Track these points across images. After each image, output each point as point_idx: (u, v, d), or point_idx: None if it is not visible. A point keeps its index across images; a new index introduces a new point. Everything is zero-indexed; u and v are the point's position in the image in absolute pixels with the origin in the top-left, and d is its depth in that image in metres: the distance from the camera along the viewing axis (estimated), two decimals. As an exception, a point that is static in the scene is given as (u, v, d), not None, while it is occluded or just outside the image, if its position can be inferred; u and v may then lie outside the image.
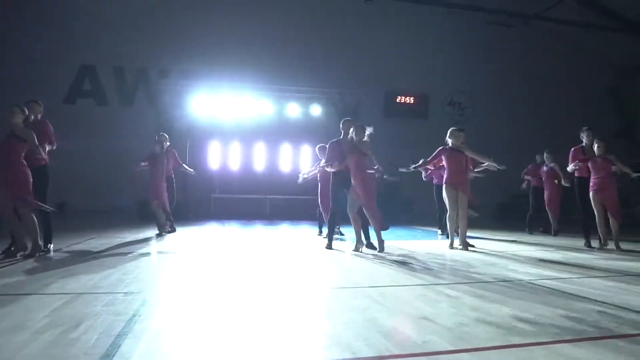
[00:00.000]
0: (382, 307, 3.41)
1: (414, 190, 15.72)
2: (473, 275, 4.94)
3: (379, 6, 14.83)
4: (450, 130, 7.40)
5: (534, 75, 17.00)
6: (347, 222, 7.14)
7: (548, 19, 15.21)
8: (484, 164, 7.54)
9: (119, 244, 7.24)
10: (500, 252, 6.97)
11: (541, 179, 10.27)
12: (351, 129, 6.64)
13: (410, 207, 15.09)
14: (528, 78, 16.96)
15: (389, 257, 6.23)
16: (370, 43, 15.54)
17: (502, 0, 16.08)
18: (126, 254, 6.18)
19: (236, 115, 14.66)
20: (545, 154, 10.13)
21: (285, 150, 15.71)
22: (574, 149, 7.78)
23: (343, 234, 8.84)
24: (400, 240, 8.35)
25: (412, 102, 16.59)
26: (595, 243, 7.75)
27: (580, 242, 8.12)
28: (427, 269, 5.25)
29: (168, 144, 9.09)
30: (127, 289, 3.97)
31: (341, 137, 7.06)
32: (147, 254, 6.35)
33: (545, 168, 10.15)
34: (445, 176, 7.32)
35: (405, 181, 15.01)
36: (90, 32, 15.01)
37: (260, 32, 15.00)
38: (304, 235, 9.51)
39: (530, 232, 10.31)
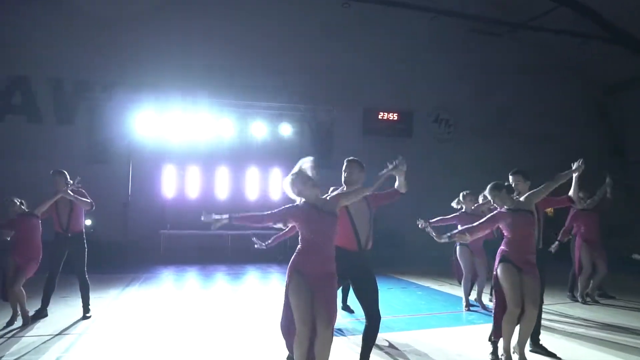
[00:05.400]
0: None
1: (401, 219, 14.05)
2: None
3: (357, 12, 13.04)
4: (490, 187, 4.66)
5: (526, 89, 15.53)
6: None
7: (538, 28, 13.79)
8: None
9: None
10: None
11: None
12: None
13: (396, 241, 13.16)
14: (521, 92, 15.45)
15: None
16: (347, 53, 13.69)
17: (490, 7, 14.57)
18: None
19: (193, 135, 12.63)
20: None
21: (252, 175, 13.70)
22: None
23: (352, 310, 6.60)
24: (393, 332, 6.26)
25: (395, 119, 14.83)
26: None
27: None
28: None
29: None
30: None
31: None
32: None
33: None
34: (504, 249, 4.59)
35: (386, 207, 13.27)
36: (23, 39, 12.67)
37: (219, 37, 12.94)
38: (275, 294, 7.53)
39: (574, 296, 7.89)
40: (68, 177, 5.96)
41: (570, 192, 4.94)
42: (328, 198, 3.79)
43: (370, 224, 4.17)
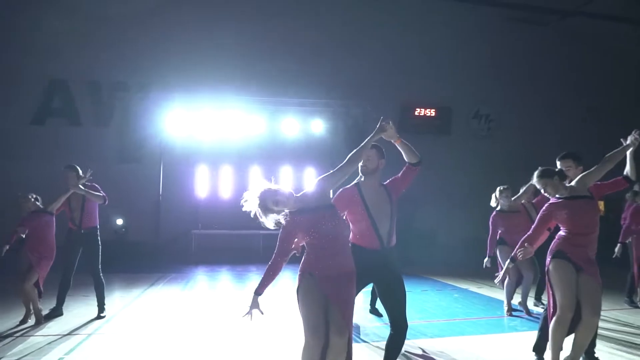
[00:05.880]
0: None
1: (437, 219, 13.42)
2: None
3: (391, 5, 12.54)
4: (538, 172, 4.00)
5: (573, 82, 14.53)
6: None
7: (589, 14, 12.84)
8: None
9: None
10: None
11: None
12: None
13: (432, 241, 12.54)
14: (568, 85, 14.47)
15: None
16: (382, 46, 13.19)
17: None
18: None
19: (224, 134, 12.46)
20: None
21: (286, 174, 13.38)
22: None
23: (381, 314, 6.07)
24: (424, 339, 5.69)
25: (433, 115, 14.19)
26: None
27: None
28: None
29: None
30: None
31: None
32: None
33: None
34: (560, 243, 3.91)
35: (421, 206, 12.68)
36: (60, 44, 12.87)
37: (251, 34, 12.69)
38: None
39: (632, 301, 7.03)
40: (80, 171, 5.77)
41: (627, 170, 4.11)
42: (308, 192, 3.18)
43: (391, 217, 3.61)
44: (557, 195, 3.89)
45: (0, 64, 12.50)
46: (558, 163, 4.30)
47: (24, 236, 5.52)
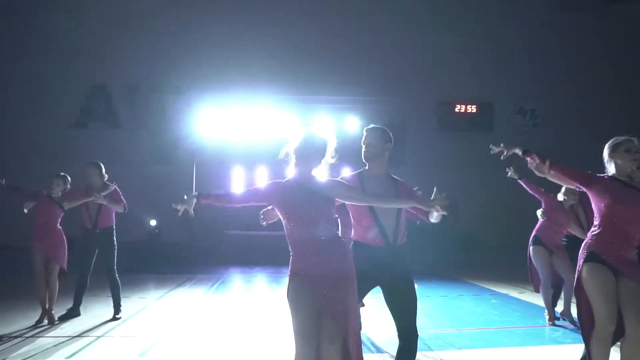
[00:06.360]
0: None
1: (478, 220, 12.77)
2: None
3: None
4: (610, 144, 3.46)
5: (626, 73, 13.50)
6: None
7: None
8: None
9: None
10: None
11: None
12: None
13: (472, 243, 11.96)
14: (618, 75, 13.47)
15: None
16: (420, 40, 12.71)
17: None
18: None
19: (257, 134, 12.35)
20: None
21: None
22: None
23: None
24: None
25: (473, 111, 13.57)
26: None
27: None
28: None
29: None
30: None
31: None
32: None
33: None
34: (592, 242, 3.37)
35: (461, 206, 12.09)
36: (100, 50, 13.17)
37: (284, 31, 12.53)
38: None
39: None
40: (103, 169, 5.67)
41: None
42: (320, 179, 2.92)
43: (398, 212, 3.13)
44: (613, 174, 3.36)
45: (44, 71, 12.93)
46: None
47: (26, 211, 5.42)
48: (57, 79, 13.06)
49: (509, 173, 5.58)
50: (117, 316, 5.59)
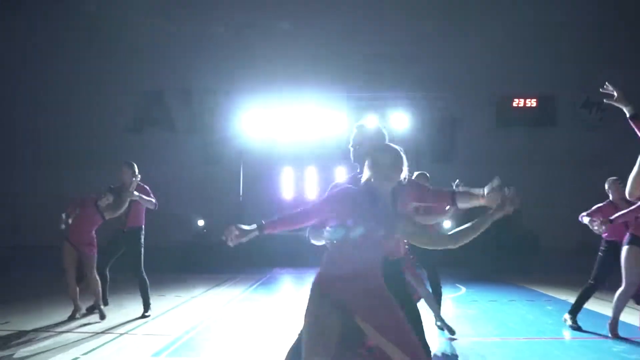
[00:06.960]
0: None
1: (540, 221, 11.91)
2: None
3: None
4: None
5: None
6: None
7: None
8: None
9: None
10: None
11: None
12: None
13: (533, 245, 11.19)
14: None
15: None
16: (474, 30, 12.11)
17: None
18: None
19: (306, 134, 12.24)
20: None
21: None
22: None
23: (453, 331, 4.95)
24: None
25: (533, 105, 12.73)
26: None
27: None
28: None
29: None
30: None
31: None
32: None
33: None
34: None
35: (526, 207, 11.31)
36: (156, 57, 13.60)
37: (330, 27, 12.34)
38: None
39: None
40: (136, 170, 5.69)
41: None
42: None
43: None
44: None
45: (101, 77, 13.49)
46: None
47: (63, 227, 5.44)
48: (114, 84, 13.59)
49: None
50: (146, 314, 5.57)
